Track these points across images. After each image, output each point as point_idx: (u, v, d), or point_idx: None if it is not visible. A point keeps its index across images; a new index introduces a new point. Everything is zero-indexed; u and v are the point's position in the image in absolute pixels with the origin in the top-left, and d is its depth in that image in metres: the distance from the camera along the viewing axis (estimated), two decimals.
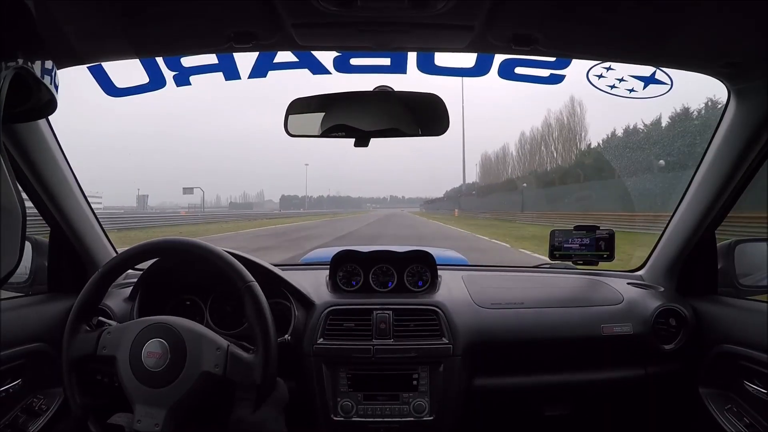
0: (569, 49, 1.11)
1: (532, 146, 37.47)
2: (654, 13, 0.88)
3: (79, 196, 1.36)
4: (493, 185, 40.10)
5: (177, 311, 1.25)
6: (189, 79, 1.35)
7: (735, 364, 1.24)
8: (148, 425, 0.81)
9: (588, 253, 1.56)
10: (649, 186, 14.55)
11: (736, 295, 1.39)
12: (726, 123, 1.22)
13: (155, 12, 0.89)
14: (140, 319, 0.91)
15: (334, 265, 1.47)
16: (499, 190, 36.45)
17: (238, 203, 75.55)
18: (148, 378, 0.83)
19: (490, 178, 43.95)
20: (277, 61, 1.37)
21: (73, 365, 0.88)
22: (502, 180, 39.60)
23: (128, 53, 1.06)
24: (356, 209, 75.03)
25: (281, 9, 0.87)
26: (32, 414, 1.18)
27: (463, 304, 1.36)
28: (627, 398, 1.42)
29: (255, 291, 0.88)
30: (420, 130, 1.16)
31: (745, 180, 1.25)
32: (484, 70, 1.31)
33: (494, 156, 44.98)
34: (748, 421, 1.19)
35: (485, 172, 45.96)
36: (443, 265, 1.58)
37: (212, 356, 0.84)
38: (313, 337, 1.26)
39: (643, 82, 1.33)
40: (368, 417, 1.23)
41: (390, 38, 1.04)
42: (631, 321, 1.34)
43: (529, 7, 0.87)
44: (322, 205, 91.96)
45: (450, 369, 1.25)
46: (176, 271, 1.26)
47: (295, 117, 1.17)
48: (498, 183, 39.33)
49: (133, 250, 0.97)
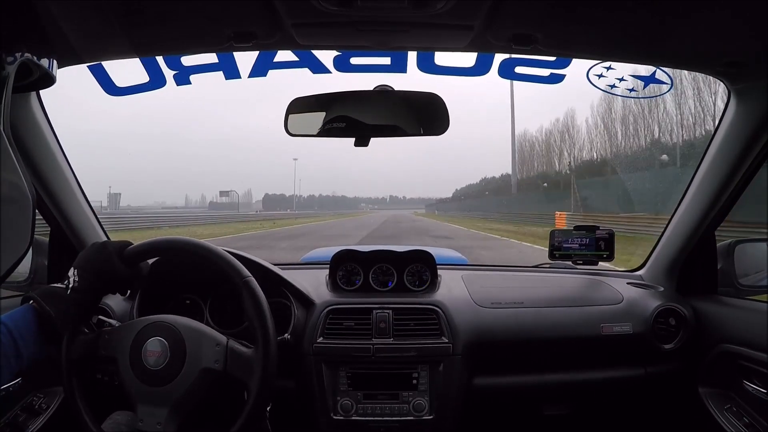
0: (569, 49, 1.11)
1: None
2: (654, 12, 0.88)
3: (79, 196, 1.37)
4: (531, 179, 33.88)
5: (177, 310, 1.25)
6: (189, 78, 1.36)
7: (735, 364, 1.24)
8: (150, 424, 0.81)
9: (588, 253, 1.57)
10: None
11: (735, 295, 1.39)
12: (726, 123, 1.22)
13: (155, 11, 0.89)
14: (139, 318, 0.91)
15: (334, 264, 1.47)
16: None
17: (219, 203, 69.60)
18: (149, 377, 0.83)
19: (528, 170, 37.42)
20: (277, 60, 1.38)
21: (72, 365, 0.89)
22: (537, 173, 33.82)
23: (128, 52, 1.06)
24: (352, 210, 70.46)
25: (281, 9, 0.87)
26: (32, 413, 1.18)
27: (463, 303, 1.36)
28: (626, 398, 1.43)
29: (252, 286, 0.88)
30: (420, 129, 1.15)
31: (746, 180, 1.25)
32: (484, 70, 1.32)
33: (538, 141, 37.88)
34: (748, 421, 1.19)
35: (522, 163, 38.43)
36: (443, 264, 1.58)
37: (212, 352, 0.85)
38: (312, 336, 1.26)
39: (644, 81, 1.34)
40: (368, 416, 1.23)
41: (390, 38, 1.04)
42: (631, 321, 1.34)
43: (529, 6, 0.87)
44: (313, 206, 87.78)
45: (450, 368, 1.25)
46: (176, 270, 1.26)
47: (295, 116, 1.17)
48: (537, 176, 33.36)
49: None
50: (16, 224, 0.39)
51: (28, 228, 0.41)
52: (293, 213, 50.45)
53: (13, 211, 0.39)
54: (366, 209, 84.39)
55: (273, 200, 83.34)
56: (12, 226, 0.39)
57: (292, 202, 75.02)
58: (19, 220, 0.40)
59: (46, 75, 0.47)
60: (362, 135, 1.15)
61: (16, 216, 0.39)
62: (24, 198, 0.40)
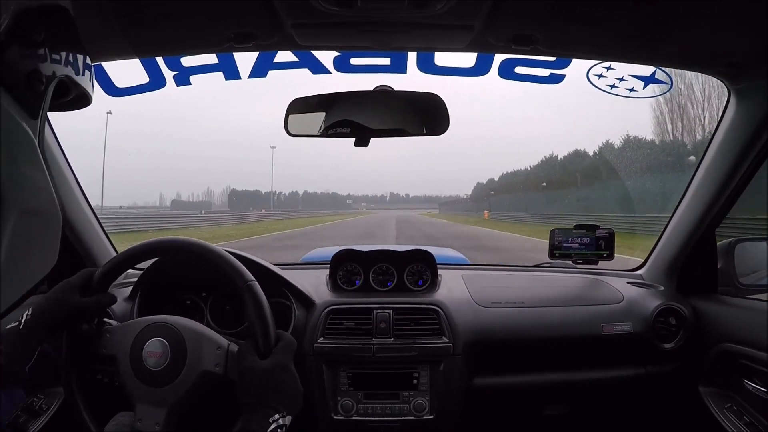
0: (569, 49, 1.11)
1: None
2: (654, 13, 0.88)
3: (79, 197, 1.37)
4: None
5: (177, 311, 1.25)
6: (189, 79, 1.35)
7: (735, 363, 1.24)
8: (148, 425, 0.81)
9: (588, 252, 1.57)
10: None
11: (736, 294, 1.39)
12: (726, 122, 1.22)
13: (155, 12, 0.89)
14: (141, 318, 0.91)
15: (335, 264, 1.47)
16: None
17: (181, 201, 60.70)
18: (149, 377, 0.83)
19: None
20: (277, 61, 1.37)
21: (73, 363, 0.89)
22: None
23: (128, 53, 1.06)
24: (344, 210, 59.75)
25: (281, 9, 0.87)
26: (32, 414, 1.18)
27: (463, 303, 1.36)
28: (627, 397, 1.43)
29: (255, 290, 0.88)
30: (420, 129, 1.16)
31: (746, 179, 1.25)
32: (484, 70, 1.32)
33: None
34: (748, 420, 1.19)
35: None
36: (443, 264, 1.58)
37: (213, 356, 0.84)
38: (313, 337, 1.26)
39: (643, 81, 1.34)
40: (368, 416, 1.23)
41: (390, 38, 1.04)
42: (631, 320, 1.34)
43: (529, 7, 0.87)
44: (297, 204, 76.39)
45: (450, 368, 1.26)
46: (176, 270, 1.26)
47: (296, 117, 1.17)
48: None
49: (133, 249, 0.97)
50: (46, 237, 0.40)
51: (57, 242, 0.42)
52: (265, 213, 38.76)
53: (44, 224, 0.40)
54: (362, 209, 72.63)
55: (244, 197, 67.30)
56: (42, 238, 0.40)
57: (269, 199, 61.96)
58: (48, 233, 0.40)
59: (83, 95, 0.47)
60: (363, 135, 1.15)
61: (46, 229, 0.40)
62: (54, 212, 0.40)
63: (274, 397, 0.76)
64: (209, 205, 58.66)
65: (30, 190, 0.37)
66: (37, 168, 0.38)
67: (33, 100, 0.38)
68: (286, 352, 0.83)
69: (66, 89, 0.44)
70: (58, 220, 0.41)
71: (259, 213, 37.91)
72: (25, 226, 0.36)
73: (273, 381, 0.78)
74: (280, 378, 0.79)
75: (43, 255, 0.40)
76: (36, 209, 0.38)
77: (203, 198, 68.73)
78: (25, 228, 0.36)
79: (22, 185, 0.36)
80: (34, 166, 0.38)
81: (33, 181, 0.38)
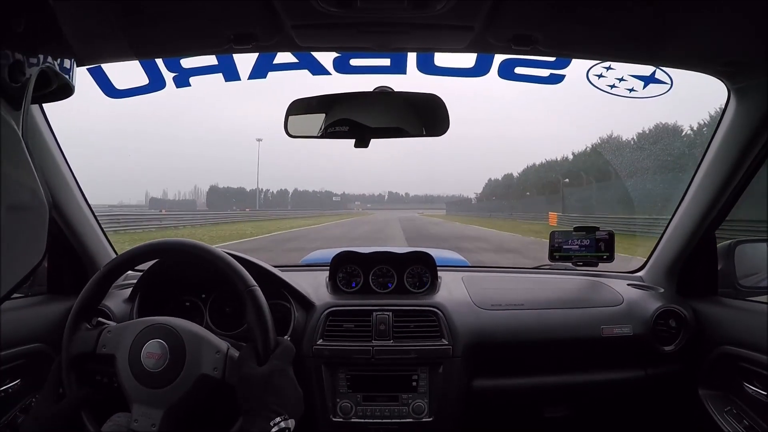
0: (569, 49, 1.11)
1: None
2: (653, 13, 0.88)
3: (79, 198, 1.36)
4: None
5: (176, 312, 1.25)
6: (189, 80, 1.35)
7: (735, 366, 1.23)
8: (144, 425, 0.81)
9: (588, 254, 1.56)
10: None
11: (736, 296, 1.38)
12: (726, 122, 1.22)
13: (155, 13, 0.89)
14: (141, 319, 0.91)
15: (334, 266, 1.47)
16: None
17: (159, 199, 57.10)
18: (147, 378, 0.83)
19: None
20: (276, 62, 1.38)
21: (72, 362, 0.88)
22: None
23: (128, 55, 1.06)
24: (337, 211, 54.51)
25: (281, 10, 0.87)
26: None
27: (463, 305, 1.36)
28: (627, 400, 1.42)
29: (257, 295, 0.88)
30: (420, 130, 1.15)
31: (746, 180, 1.25)
32: (483, 71, 1.32)
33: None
34: (748, 423, 1.19)
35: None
36: (443, 266, 1.58)
37: (211, 359, 0.84)
38: (312, 338, 1.26)
39: (643, 81, 1.33)
40: (367, 418, 1.23)
41: (390, 39, 1.04)
42: (631, 322, 1.34)
43: (529, 7, 0.87)
44: (286, 203, 72.21)
45: (449, 370, 1.25)
46: (176, 272, 1.25)
47: (296, 117, 1.17)
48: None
49: (133, 251, 0.97)
50: (32, 231, 0.39)
51: (44, 235, 0.41)
52: (249, 213, 35.36)
53: (30, 218, 0.39)
54: (355, 209, 68.21)
55: (226, 195, 62.45)
56: (28, 233, 0.39)
57: (255, 198, 56.41)
58: (35, 227, 0.40)
59: (65, 85, 0.46)
60: (363, 136, 1.15)
61: (32, 223, 0.39)
62: (41, 205, 0.40)
63: (275, 401, 0.76)
64: (193, 203, 56.15)
65: (14, 181, 0.37)
66: (21, 159, 0.37)
67: (15, 91, 0.37)
68: (285, 357, 0.83)
69: (47, 80, 0.43)
70: (45, 211, 0.40)
71: (242, 212, 35.49)
72: (10, 219, 0.35)
73: (272, 386, 0.78)
74: (279, 383, 0.79)
75: (30, 247, 0.39)
76: (21, 202, 0.37)
77: (190, 196, 65.25)
78: (10, 221, 0.35)
79: (5, 177, 0.35)
80: (17, 157, 0.37)
81: (17, 173, 0.37)
